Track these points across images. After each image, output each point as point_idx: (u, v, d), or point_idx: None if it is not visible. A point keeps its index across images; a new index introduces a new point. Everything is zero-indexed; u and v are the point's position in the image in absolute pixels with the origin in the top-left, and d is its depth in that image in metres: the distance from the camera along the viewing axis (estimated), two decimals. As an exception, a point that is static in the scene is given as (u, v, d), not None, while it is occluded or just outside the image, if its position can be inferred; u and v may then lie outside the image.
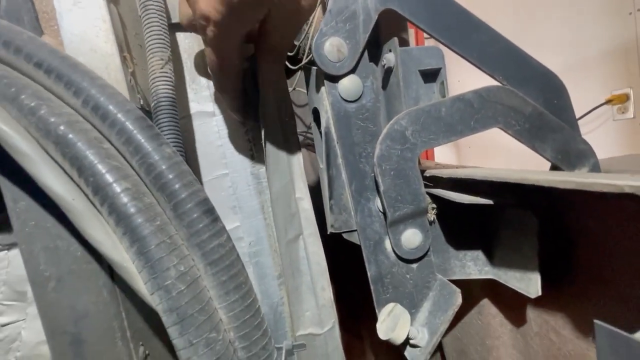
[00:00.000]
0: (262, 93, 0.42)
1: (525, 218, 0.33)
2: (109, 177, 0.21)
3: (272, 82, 0.40)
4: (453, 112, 0.34)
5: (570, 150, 0.37)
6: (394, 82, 0.34)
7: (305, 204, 0.46)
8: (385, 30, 0.36)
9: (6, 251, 0.31)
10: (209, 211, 0.24)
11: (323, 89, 0.33)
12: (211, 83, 0.45)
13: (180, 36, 0.43)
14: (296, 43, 0.53)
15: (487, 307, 0.46)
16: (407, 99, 0.34)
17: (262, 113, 0.44)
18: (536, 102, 0.37)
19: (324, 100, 0.33)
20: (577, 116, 1.34)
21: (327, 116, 0.33)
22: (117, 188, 0.21)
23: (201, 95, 0.44)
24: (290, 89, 0.66)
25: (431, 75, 0.36)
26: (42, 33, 0.27)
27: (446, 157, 2.75)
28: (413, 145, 0.33)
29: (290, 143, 0.46)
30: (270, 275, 0.47)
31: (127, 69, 0.30)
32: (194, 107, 0.44)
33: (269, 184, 0.44)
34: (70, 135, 0.21)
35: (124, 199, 0.21)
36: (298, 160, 0.46)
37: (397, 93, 0.34)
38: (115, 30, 0.29)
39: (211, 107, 0.45)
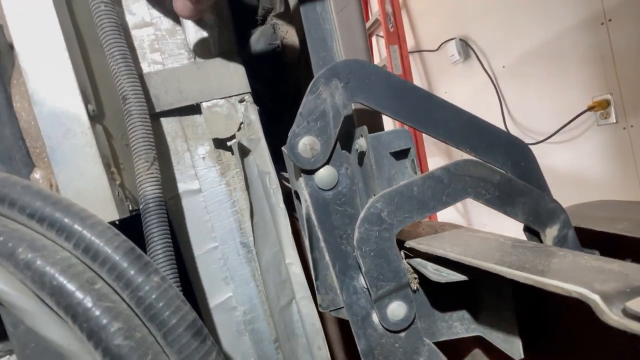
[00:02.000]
0: (245, 166, 0.44)
1: (501, 285, 0.35)
2: (101, 320, 0.23)
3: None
4: (425, 189, 0.36)
5: (540, 210, 0.39)
6: (368, 164, 0.37)
7: (296, 269, 0.48)
8: (358, 116, 0.39)
9: (8, 356, 0.33)
10: (198, 332, 0.26)
11: (301, 179, 0.35)
12: (195, 161, 0.47)
13: (164, 121, 0.46)
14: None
15: (479, 357, 0.47)
16: (381, 180, 0.36)
17: (247, 186, 0.46)
18: (503, 168, 0.39)
19: (303, 189, 0.35)
20: (561, 124, 1.36)
21: (306, 204, 0.35)
22: (110, 329, 0.22)
23: (187, 175, 0.46)
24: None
25: (402, 153, 0.38)
26: (33, 166, 0.29)
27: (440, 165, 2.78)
28: (390, 226, 0.35)
29: (276, 213, 0.47)
30: (267, 339, 0.48)
31: (115, 182, 0.32)
32: (181, 186, 0.46)
33: (258, 256, 0.46)
34: (64, 285, 0.22)
35: (116, 340, 0.22)
36: (286, 227, 0.48)
37: (371, 174, 0.37)
38: (102, 151, 0.31)
39: (197, 184, 0.47)
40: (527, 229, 0.41)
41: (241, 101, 0.47)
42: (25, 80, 0.29)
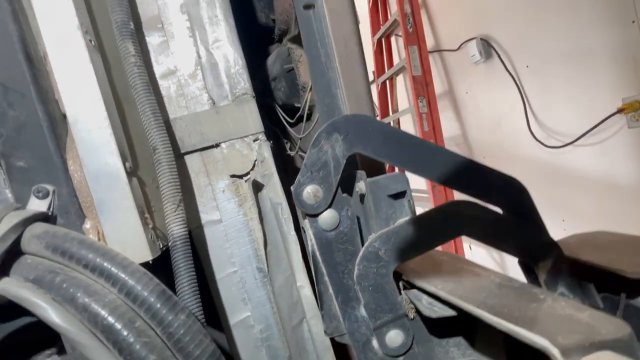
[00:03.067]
0: (259, 199, 0.49)
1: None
2: (141, 353, 0.28)
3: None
4: (420, 229, 0.39)
5: (533, 246, 0.42)
6: (367, 205, 0.40)
7: (307, 291, 0.53)
8: (361, 159, 0.43)
9: (55, 356, 0.40)
10: (217, 361, 0.31)
11: (306, 221, 0.39)
12: (216, 194, 0.52)
13: (188, 159, 0.51)
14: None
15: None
16: (379, 220, 0.40)
17: (261, 218, 0.51)
18: (499, 206, 0.42)
19: (308, 229, 0.40)
20: (589, 126, 1.31)
21: (311, 243, 0.40)
22: (148, 360, 0.28)
23: (209, 207, 0.52)
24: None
25: (400, 194, 0.41)
26: (84, 217, 0.35)
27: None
28: (386, 263, 0.38)
29: (288, 241, 0.52)
30: (281, 356, 0.54)
31: (148, 226, 0.38)
32: (203, 217, 0.52)
33: (272, 280, 0.51)
34: (112, 324, 0.28)
35: (153, 370, 0.28)
36: (297, 253, 0.53)
37: (370, 214, 0.40)
38: (137, 201, 0.37)
39: (218, 215, 0.52)
40: (521, 262, 0.43)
41: (255, 140, 0.52)
42: (77, 145, 0.35)
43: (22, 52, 0.34)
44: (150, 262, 0.37)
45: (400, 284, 0.43)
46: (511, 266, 2.59)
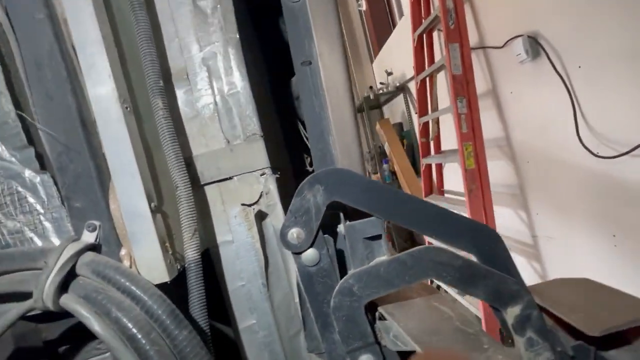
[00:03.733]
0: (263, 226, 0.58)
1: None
2: (154, 358, 0.38)
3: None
4: (390, 270, 0.44)
5: (501, 292, 0.44)
6: (345, 246, 0.46)
7: (303, 307, 0.60)
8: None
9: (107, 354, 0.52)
10: (210, 369, 0.40)
11: (292, 257, 0.46)
12: (229, 219, 0.61)
13: (207, 189, 0.61)
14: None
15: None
16: (355, 260, 0.46)
17: (263, 244, 0.60)
18: (470, 252, 0.45)
19: (294, 264, 0.47)
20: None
21: (297, 275, 0.47)
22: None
23: (223, 229, 0.61)
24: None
25: (376, 237, 0.46)
26: (120, 246, 0.46)
27: (504, 170, 2.60)
28: (359, 298, 0.44)
29: (287, 262, 0.60)
30: (281, 358, 0.62)
31: (168, 253, 0.48)
32: (219, 238, 0.61)
33: (271, 297, 0.59)
34: (135, 334, 0.38)
35: (161, 372, 0.37)
36: (295, 272, 0.60)
37: (348, 254, 0.46)
38: (159, 233, 0.47)
39: (230, 237, 0.61)
40: (490, 305, 0.46)
41: (262, 174, 0.59)
42: (116, 191, 0.46)
43: (79, 119, 0.45)
44: (168, 280, 0.47)
45: (377, 313, 0.49)
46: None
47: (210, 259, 0.61)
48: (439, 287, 2.74)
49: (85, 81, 0.45)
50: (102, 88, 0.45)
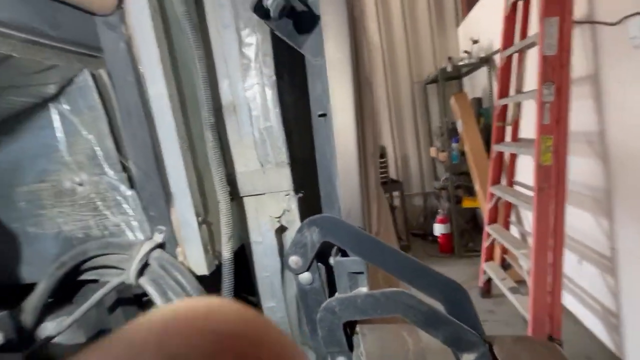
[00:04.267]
0: (282, 237, 0.72)
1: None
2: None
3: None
4: (366, 302, 0.54)
5: (460, 339, 0.52)
6: (334, 276, 0.58)
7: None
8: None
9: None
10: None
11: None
12: (260, 225, 0.77)
13: (246, 200, 0.76)
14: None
15: None
16: (340, 288, 0.57)
17: (281, 252, 0.74)
18: (440, 301, 0.53)
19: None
20: None
21: (296, 289, 0.60)
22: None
23: (256, 232, 0.77)
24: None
25: (358, 272, 0.56)
26: (177, 245, 0.64)
27: (590, 170, 2.27)
28: (339, 317, 0.56)
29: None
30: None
31: (209, 253, 0.65)
32: (252, 237, 0.78)
33: (285, 291, 0.74)
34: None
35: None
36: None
37: (336, 282, 0.58)
38: (203, 239, 0.64)
39: (260, 238, 0.77)
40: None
41: (286, 195, 0.72)
42: (175, 205, 0.63)
43: (153, 153, 0.62)
44: (207, 273, 0.65)
45: (357, 328, 0.61)
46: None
47: (245, 254, 0.78)
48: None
49: (157, 126, 0.61)
50: (168, 132, 0.61)
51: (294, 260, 0.57)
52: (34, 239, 0.72)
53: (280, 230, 0.73)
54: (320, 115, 0.59)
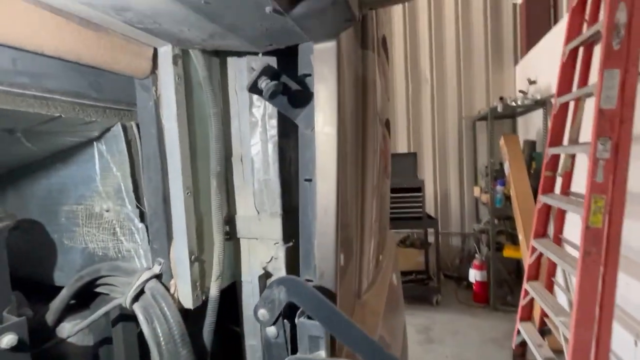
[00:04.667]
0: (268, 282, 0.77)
1: None
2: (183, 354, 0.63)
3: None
4: (320, 367, 0.57)
5: None
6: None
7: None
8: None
9: None
10: (192, 380, 0.63)
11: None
12: (251, 266, 0.82)
13: (242, 242, 0.83)
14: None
15: None
16: (301, 349, 0.60)
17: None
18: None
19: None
20: None
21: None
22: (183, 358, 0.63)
23: (247, 273, 0.83)
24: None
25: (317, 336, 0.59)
26: (172, 277, 0.73)
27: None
28: (296, 375, 0.59)
29: (281, 314, 0.78)
30: None
31: (197, 290, 0.73)
32: (243, 277, 0.84)
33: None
34: (162, 347, 0.64)
35: (167, 370, 0.63)
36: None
37: (298, 342, 0.61)
38: (193, 276, 0.71)
39: (250, 278, 0.83)
40: None
41: (275, 243, 0.77)
42: (174, 243, 0.72)
43: (162, 196, 0.72)
44: (192, 308, 0.72)
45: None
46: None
47: (236, 292, 0.84)
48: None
49: (168, 173, 0.71)
50: (175, 179, 0.70)
51: (262, 313, 0.61)
52: (67, 250, 0.86)
53: (265, 276, 0.78)
54: (306, 180, 0.64)
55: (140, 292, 0.70)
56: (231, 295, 0.84)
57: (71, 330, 0.79)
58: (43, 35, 0.51)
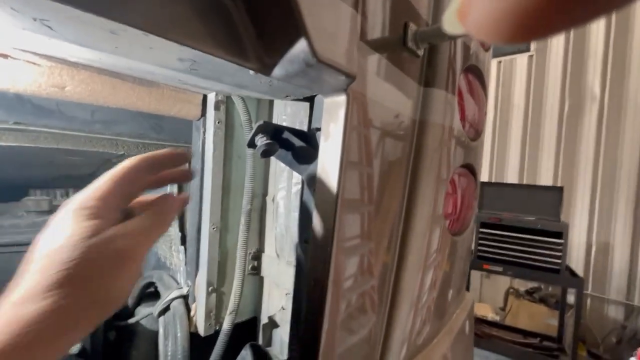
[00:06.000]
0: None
1: None
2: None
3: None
4: None
5: None
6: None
7: None
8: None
9: None
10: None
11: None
12: (269, 306, 0.81)
13: (264, 279, 0.83)
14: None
15: None
16: None
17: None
18: None
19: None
20: None
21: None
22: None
23: (264, 310, 0.83)
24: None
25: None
26: (194, 301, 0.79)
27: None
28: None
29: (282, 369, 0.74)
30: None
31: (210, 319, 0.77)
32: (262, 316, 0.84)
33: None
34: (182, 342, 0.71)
35: None
36: None
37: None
38: (207, 307, 0.76)
39: (267, 319, 0.82)
40: None
41: (287, 293, 0.74)
42: (199, 276, 0.78)
43: (197, 224, 0.79)
44: (203, 335, 0.76)
45: None
46: None
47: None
48: None
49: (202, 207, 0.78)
50: (205, 214, 0.76)
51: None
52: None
53: (271, 325, 0.76)
54: (304, 242, 0.59)
55: (167, 308, 0.79)
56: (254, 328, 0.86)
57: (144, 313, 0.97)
58: (105, 94, 0.64)
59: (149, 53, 0.42)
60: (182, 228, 0.86)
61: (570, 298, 3.52)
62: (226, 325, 0.76)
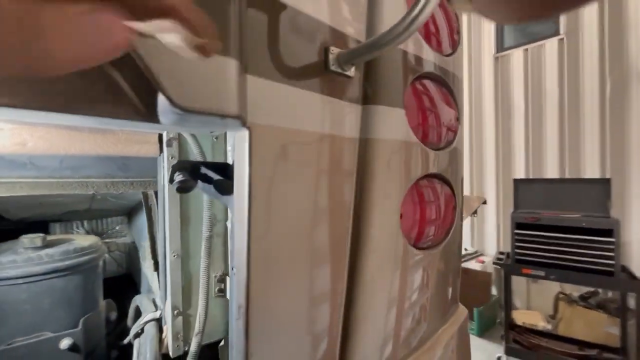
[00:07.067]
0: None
1: None
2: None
3: None
4: None
5: None
6: None
7: None
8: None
9: None
10: None
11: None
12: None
13: (231, 301, 0.87)
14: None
15: None
16: None
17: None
18: None
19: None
20: None
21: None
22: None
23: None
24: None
25: None
26: (165, 324, 0.85)
27: None
28: None
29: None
30: None
31: (178, 340, 0.82)
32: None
33: None
34: (136, 381, 0.78)
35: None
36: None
37: None
38: (174, 329, 0.82)
39: (233, 341, 0.85)
40: None
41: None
42: (167, 301, 0.84)
43: (163, 253, 0.86)
44: (171, 356, 0.82)
45: None
46: None
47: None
48: None
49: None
50: (166, 242, 0.82)
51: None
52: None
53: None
54: (232, 268, 0.62)
55: (142, 331, 0.86)
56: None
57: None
58: (64, 145, 0.73)
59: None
60: (154, 255, 0.93)
61: (632, 302, 3.11)
62: (193, 347, 0.81)
